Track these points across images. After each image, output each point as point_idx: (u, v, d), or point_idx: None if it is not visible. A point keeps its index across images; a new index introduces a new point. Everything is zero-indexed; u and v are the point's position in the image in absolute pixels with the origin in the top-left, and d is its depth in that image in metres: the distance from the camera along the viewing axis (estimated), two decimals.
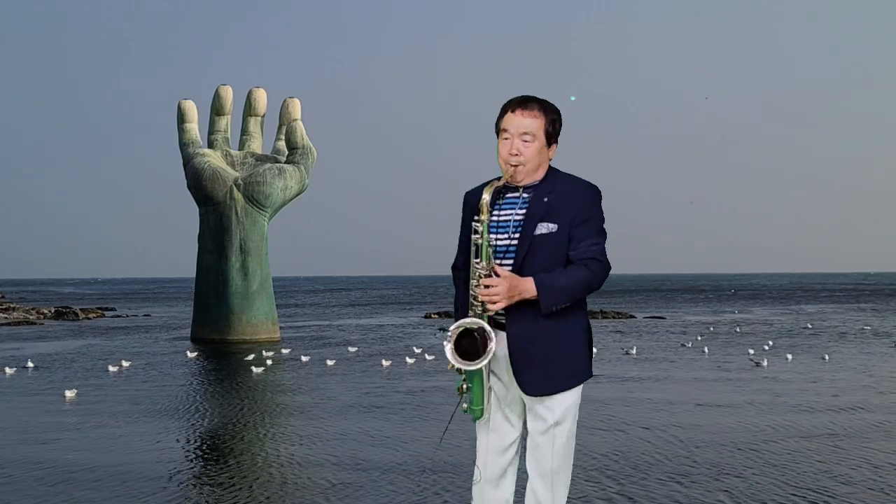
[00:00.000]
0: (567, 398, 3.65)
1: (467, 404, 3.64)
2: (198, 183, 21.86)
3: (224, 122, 23.04)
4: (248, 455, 7.94)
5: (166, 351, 19.42)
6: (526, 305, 3.54)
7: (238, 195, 21.88)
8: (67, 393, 11.90)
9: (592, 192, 3.62)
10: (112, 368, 15.35)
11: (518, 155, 3.57)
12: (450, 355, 3.52)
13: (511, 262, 3.58)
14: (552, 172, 3.67)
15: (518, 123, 3.58)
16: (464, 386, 3.61)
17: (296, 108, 23.04)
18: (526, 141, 3.57)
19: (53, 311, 35.94)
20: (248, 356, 16.73)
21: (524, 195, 3.61)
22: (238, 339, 21.44)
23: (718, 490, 6.44)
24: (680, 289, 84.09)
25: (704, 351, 18.30)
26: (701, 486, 6.53)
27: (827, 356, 16.50)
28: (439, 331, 19.06)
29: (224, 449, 8.29)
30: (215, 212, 21.96)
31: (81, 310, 36.90)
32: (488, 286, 3.50)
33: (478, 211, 3.60)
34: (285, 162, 22.67)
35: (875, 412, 10.14)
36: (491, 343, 3.49)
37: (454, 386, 3.73)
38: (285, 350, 18.75)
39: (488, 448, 3.70)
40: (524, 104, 3.61)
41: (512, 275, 3.52)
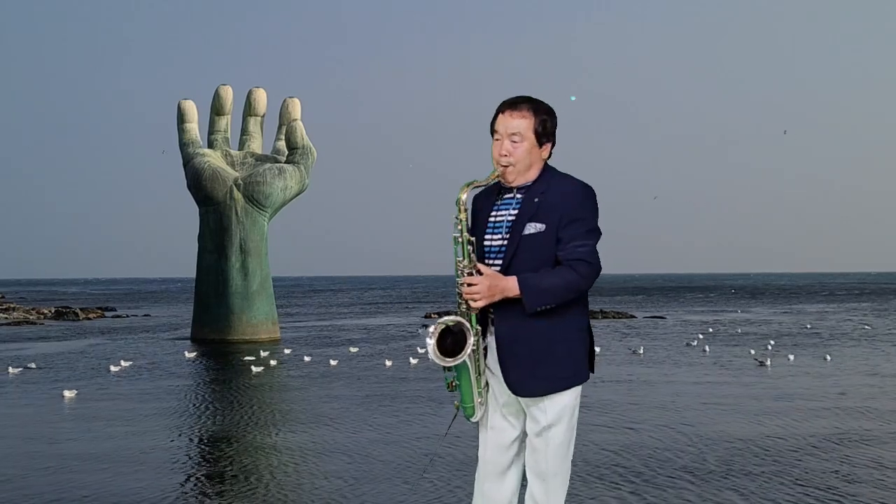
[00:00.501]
0: (561, 400, 3.62)
1: (458, 403, 3.68)
2: (198, 183, 21.82)
3: (224, 122, 23.01)
4: (254, 454, 7.89)
5: (167, 351, 19.37)
6: (514, 304, 3.54)
7: (238, 195, 21.85)
8: (66, 393, 11.85)
9: (583, 192, 3.61)
10: (113, 368, 15.32)
11: (508, 155, 3.59)
12: (431, 352, 3.54)
13: (500, 262, 3.61)
14: (547, 172, 3.67)
15: (507, 124, 3.61)
16: (453, 383, 3.64)
17: (296, 108, 23.01)
18: (515, 142, 3.59)
19: (53, 312, 35.90)
20: (251, 356, 16.68)
21: (518, 195, 3.64)
22: (238, 339, 21.40)
23: (728, 489, 6.45)
24: (680, 288, 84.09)
25: (706, 350, 18.28)
26: (711, 485, 6.55)
27: (828, 356, 16.46)
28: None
29: (230, 448, 8.24)
30: (215, 212, 21.92)
31: (81, 310, 36.85)
32: (470, 284, 3.53)
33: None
34: (285, 162, 22.63)
35: (882, 412, 10.11)
36: (469, 340, 3.52)
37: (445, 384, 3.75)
38: (287, 350, 18.70)
39: (487, 444, 3.71)
40: (514, 105, 3.63)
41: (494, 273, 3.54)
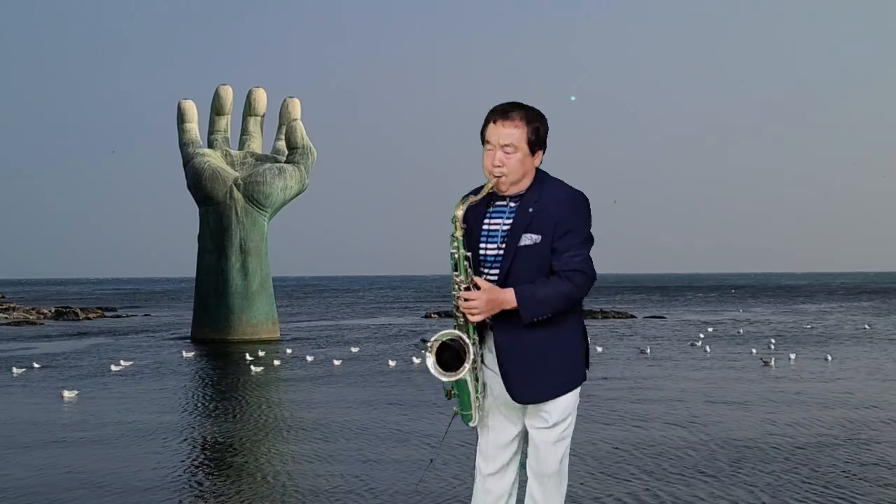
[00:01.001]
0: (564, 401, 3.67)
1: (457, 408, 3.69)
2: (198, 183, 21.82)
3: (224, 122, 23.00)
4: (261, 454, 7.90)
5: (168, 351, 19.36)
6: (512, 315, 3.56)
7: (238, 195, 21.84)
8: (66, 393, 11.84)
9: (577, 201, 3.61)
10: (114, 368, 15.32)
11: (501, 166, 3.57)
12: (431, 368, 3.57)
13: (497, 273, 3.61)
14: (539, 179, 3.65)
15: (499, 134, 3.56)
16: (452, 391, 3.66)
17: (296, 108, 23.00)
18: (508, 153, 3.56)
19: (53, 312, 35.89)
20: (252, 356, 16.69)
21: (511, 204, 3.63)
22: (238, 339, 21.39)
23: (738, 486, 6.52)
24: (680, 288, 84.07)
25: (707, 350, 18.28)
26: (721, 482, 6.62)
27: (829, 356, 16.46)
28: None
29: (234, 449, 8.25)
30: (215, 212, 21.92)
31: (81, 310, 36.85)
32: (467, 299, 3.54)
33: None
34: (285, 162, 22.63)
35: (888, 411, 10.15)
36: (468, 355, 3.54)
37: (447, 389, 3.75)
38: (289, 350, 18.68)
39: (488, 443, 3.74)
40: (505, 114, 3.58)
41: (492, 287, 3.55)
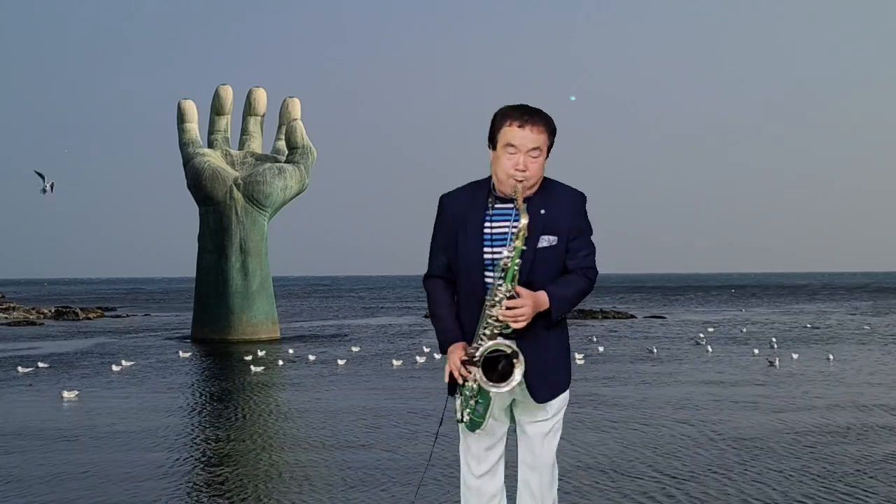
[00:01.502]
0: (562, 398, 3.77)
1: (468, 416, 3.65)
2: (198, 183, 21.80)
3: (224, 122, 22.99)
4: (268, 453, 7.90)
5: (168, 351, 19.33)
6: (533, 318, 3.59)
7: (238, 195, 21.83)
8: (66, 394, 11.82)
9: (582, 201, 3.68)
10: (116, 368, 15.32)
11: (525, 171, 3.56)
12: (482, 380, 3.53)
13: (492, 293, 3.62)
14: (542, 181, 3.68)
15: (527, 138, 3.56)
16: (475, 400, 3.62)
17: (296, 108, 22.99)
18: (534, 157, 3.57)
19: (53, 311, 35.87)
20: (254, 356, 16.68)
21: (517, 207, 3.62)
22: (238, 339, 21.38)
23: (750, 483, 6.57)
24: (680, 288, 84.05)
25: (709, 350, 18.26)
26: (734, 480, 6.66)
27: (831, 356, 16.44)
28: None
29: (243, 447, 8.24)
30: (215, 212, 21.90)
31: (81, 309, 36.82)
32: (511, 307, 3.52)
33: (510, 235, 3.58)
34: (285, 162, 22.61)
35: (895, 409, 10.18)
36: (519, 364, 3.54)
37: (456, 389, 3.71)
38: (291, 350, 18.65)
39: (480, 446, 3.74)
40: (532, 119, 3.58)
41: (531, 293, 3.55)
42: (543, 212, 3.59)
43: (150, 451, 8.06)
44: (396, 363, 15.84)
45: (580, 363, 15.50)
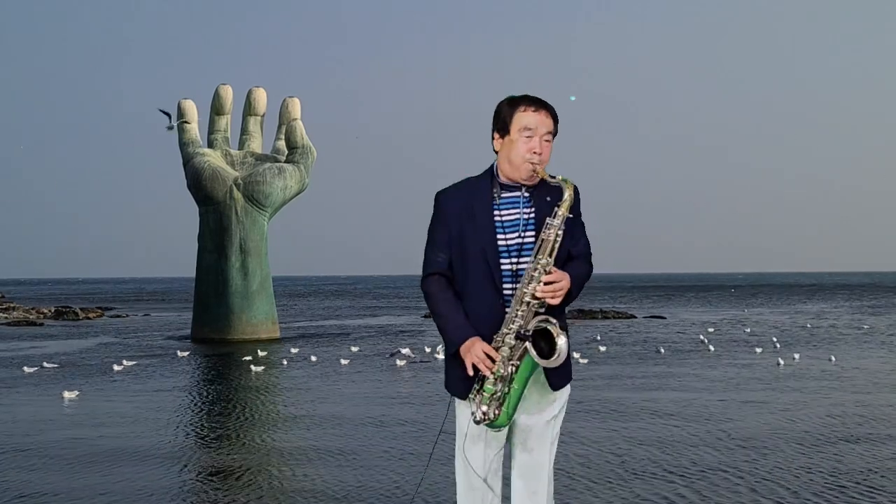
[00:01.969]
0: (567, 389, 3.73)
1: (499, 411, 3.50)
2: (198, 182, 21.77)
3: (224, 122, 22.96)
4: (276, 453, 7.87)
5: (169, 351, 19.29)
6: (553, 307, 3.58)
7: (238, 195, 21.79)
8: (66, 394, 11.77)
9: (577, 190, 3.70)
10: (117, 368, 15.28)
11: (540, 153, 3.59)
12: (533, 354, 3.46)
13: (526, 260, 3.60)
14: None
15: (543, 122, 3.61)
16: (503, 390, 3.49)
17: (295, 108, 22.97)
18: (547, 141, 3.62)
19: (53, 311, 35.82)
20: (255, 356, 16.65)
21: (525, 194, 3.63)
22: (238, 339, 21.35)
23: (764, 482, 6.58)
24: (680, 288, 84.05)
25: (711, 349, 18.25)
26: (745, 480, 6.66)
27: (833, 357, 16.40)
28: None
29: (250, 448, 8.21)
30: (215, 211, 21.87)
31: (81, 309, 36.77)
32: (549, 283, 3.50)
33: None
34: (285, 161, 22.59)
35: None
36: (561, 336, 3.50)
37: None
38: (294, 349, 18.60)
39: (490, 452, 3.65)
40: (545, 105, 3.64)
41: (561, 270, 3.56)
42: (549, 199, 3.62)
43: (151, 453, 8.03)
44: (400, 363, 15.81)
45: (583, 363, 15.46)
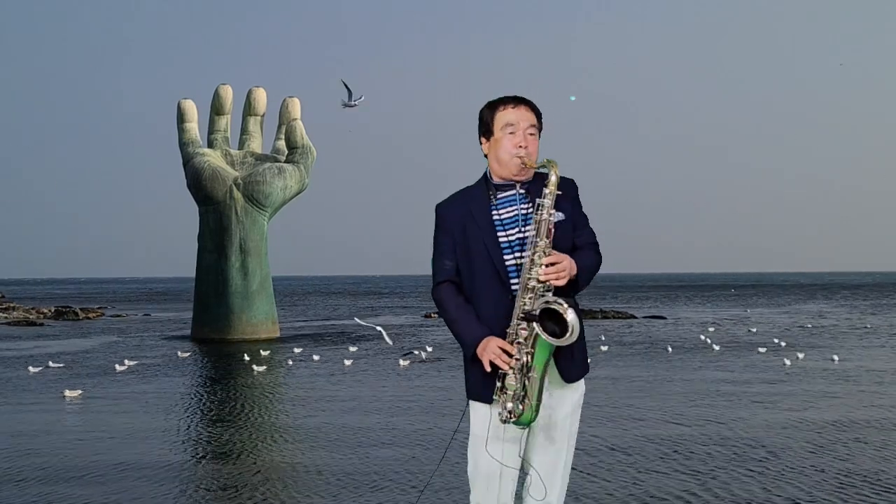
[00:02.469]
0: (582, 383, 3.69)
1: (523, 406, 3.43)
2: (198, 182, 21.75)
3: (224, 122, 22.94)
4: (279, 452, 7.85)
5: (170, 350, 19.27)
6: (558, 292, 3.50)
7: (238, 195, 21.78)
8: (68, 393, 11.75)
9: (575, 186, 3.71)
10: (119, 368, 15.27)
11: (526, 147, 3.58)
12: (542, 333, 3.40)
13: (527, 254, 3.56)
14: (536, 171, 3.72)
15: (523, 116, 3.61)
16: (526, 381, 3.42)
17: (295, 108, 22.95)
18: (531, 134, 3.61)
19: (53, 311, 35.80)
20: (255, 356, 16.61)
21: (521, 191, 3.62)
22: (238, 339, 21.33)
23: (773, 480, 6.61)
24: (680, 288, 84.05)
25: (715, 348, 18.23)
26: (756, 479, 6.68)
27: (835, 356, 16.37)
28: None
29: (246, 447, 8.19)
30: (215, 211, 21.85)
31: (81, 309, 36.75)
32: (552, 263, 3.45)
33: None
34: (285, 161, 22.57)
35: None
36: (569, 312, 3.40)
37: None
38: (298, 349, 18.56)
39: (506, 450, 3.55)
40: (522, 101, 3.65)
41: (562, 254, 3.52)
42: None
43: (154, 451, 8.01)
44: (403, 363, 15.79)
45: None
